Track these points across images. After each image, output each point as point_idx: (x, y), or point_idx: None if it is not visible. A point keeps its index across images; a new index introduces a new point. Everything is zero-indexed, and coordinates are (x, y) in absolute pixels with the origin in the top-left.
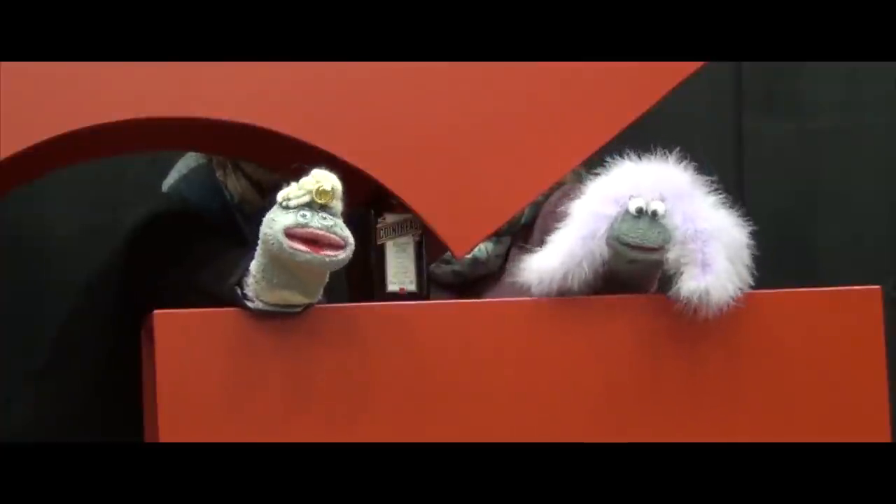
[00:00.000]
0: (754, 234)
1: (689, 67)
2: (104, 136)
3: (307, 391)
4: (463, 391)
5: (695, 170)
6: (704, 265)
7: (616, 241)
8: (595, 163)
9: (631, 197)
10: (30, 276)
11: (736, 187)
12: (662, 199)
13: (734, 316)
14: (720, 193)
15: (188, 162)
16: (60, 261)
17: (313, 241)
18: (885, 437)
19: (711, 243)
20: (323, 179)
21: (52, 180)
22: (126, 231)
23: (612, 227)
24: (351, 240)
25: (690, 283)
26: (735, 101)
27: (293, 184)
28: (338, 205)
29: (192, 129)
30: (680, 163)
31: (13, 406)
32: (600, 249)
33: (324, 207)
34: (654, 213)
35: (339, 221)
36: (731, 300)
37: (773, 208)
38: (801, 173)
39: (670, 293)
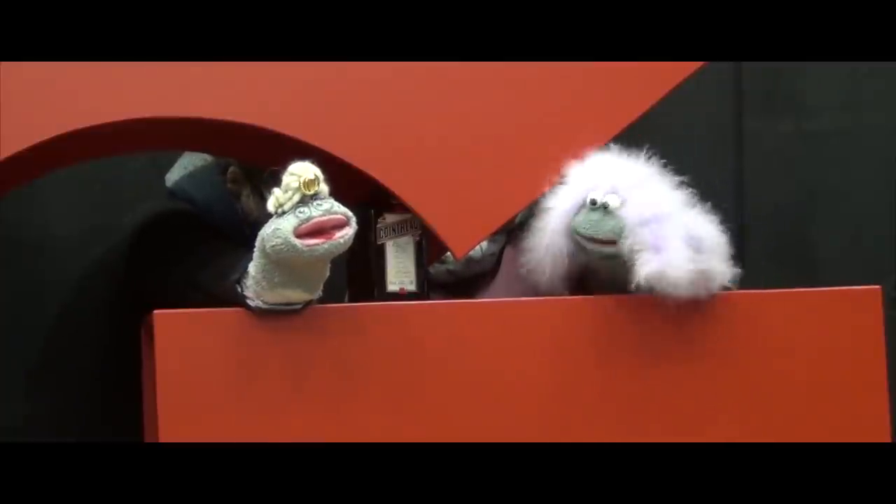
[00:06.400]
0: (754, 235)
1: (689, 67)
2: (104, 136)
3: (307, 391)
4: (462, 391)
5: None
6: (657, 248)
7: (575, 234)
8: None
9: (588, 191)
10: (29, 276)
11: (736, 187)
12: (615, 192)
13: (734, 315)
14: (685, 186)
15: (194, 160)
16: (60, 261)
17: (320, 231)
18: (885, 437)
19: (663, 226)
20: (303, 172)
21: (52, 180)
22: (128, 229)
23: (571, 220)
24: (350, 213)
25: (644, 269)
26: (735, 101)
27: (276, 190)
28: (324, 187)
29: (192, 129)
30: (640, 155)
31: (13, 406)
32: (562, 243)
33: (314, 196)
34: (605, 207)
35: (333, 201)
36: (692, 279)
37: (773, 208)
38: (801, 173)
39: (631, 286)
